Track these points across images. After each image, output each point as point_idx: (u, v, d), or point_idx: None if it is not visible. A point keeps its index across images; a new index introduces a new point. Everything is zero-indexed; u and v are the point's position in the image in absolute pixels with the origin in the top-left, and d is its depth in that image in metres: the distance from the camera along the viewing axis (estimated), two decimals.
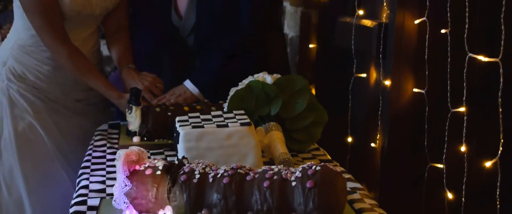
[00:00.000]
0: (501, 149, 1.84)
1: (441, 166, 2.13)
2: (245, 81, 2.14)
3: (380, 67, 2.37)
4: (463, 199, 2.01)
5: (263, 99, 2.09)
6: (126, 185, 1.52)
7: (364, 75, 2.58)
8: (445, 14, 2.05)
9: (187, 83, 2.50)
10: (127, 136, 2.30)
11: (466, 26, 1.93)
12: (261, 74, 2.16)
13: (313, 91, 2.98)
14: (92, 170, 1.98)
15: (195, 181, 1.50)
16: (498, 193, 1.86)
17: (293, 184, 1.45)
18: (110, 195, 1.73)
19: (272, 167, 1.52)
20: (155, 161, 1.57)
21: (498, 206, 1.88)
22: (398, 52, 2.24)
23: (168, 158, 2.08)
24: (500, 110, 1.85)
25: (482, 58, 1.89)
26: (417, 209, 2.30)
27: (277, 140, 2.00)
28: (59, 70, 2.53)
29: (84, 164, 2.06)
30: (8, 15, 4.96)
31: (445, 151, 2.09)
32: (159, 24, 2.67)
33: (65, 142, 2.55)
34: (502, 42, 1.79)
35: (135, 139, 2.24)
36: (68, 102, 2.60)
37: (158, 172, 1.53)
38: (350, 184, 1.81)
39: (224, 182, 1.48)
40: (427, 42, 2.14)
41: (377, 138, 2.42)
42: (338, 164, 2.07)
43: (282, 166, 1.57)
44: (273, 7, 2.69)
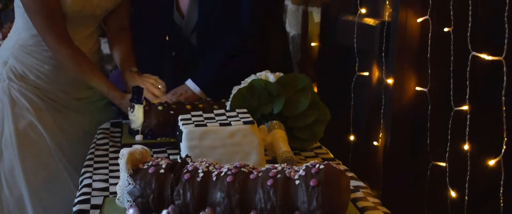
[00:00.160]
0: (505, 147, 1.83)
1: (444, 164, 2.13)
2: (248, 80, 2.14)
3: (383, 66, 2.37)
4: (466, 197, 2.01)
5: (266, 98, 2.09)
6: (130, 183, 1.52)
7: (366, 74, 2.57)
8: (448, 13, 2.04)
9: (189, 83, 2.50)
10: (130, 134, 2.30)
11: (469, 25, 1.93)
12: (264, 73, 2.16)
13: (315, 90, 2.98)
14: (95, 168, 1.98)
15: (199, 179, 1.49)
16: (502, 191, 1.86)
17: (297, 182, 1.44)
18: (113, 193, 1.73)
19: (276, 165, 1.52)
20: (159, 159, 1.57)
21: (502, 204, 1.88)
22: (401, 51, 2.24)
23: (171, 156, 2.07)
24: (504, 108, 1.84)
25: (486, 57, 1.89)
26: (420, 207, 2.30)
27: (280, 138, 1.99)
28: (60, 70, 2.53)
29: (87, 162, 2.06)
30: (9, 14, 4.96)
31: (448, 149, 2.09)
32: (162, 23, 2.66)
33: (66, 140, 2.55)
34: (506, 41, 1.79)
35: (138, 137, 2.24)
36: (69, 101, 2.60)
37: (162, 170, 1.53)
38: (353, 182, 1.81)
39: (228, 180, 1.47)
40: (430, 41, 2.14)
41: (380, 136, 2.42)
42: (341, 162, 2.07)
43: (286, 164, 1.57)
44: (274, 7, 2.69)
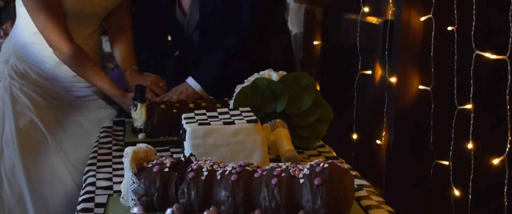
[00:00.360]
0: (509, 146, 1.83)
1: (447, 163, 2.13)
2: (251, 79, 2.14)
3: (386, 65, 2.37)
4: (470, 196, 2.01)
5: (269, 96, 2.09)
6: (134, 182, 1.52)
7: (369, 72, 2.57)
8: (452, 11, 2.04)
9: (190, 80, 2.49)
10: (132, 133, 2.30)
11: (473, 23, 1.93)
12: (267, 72, 2.15)
13: (318, 89, 2.98)
14: (98, 167, 1.98)
15: (203, 178, 1.49)
16: (506, 190, 1.86)
17: (301, 181, 1.44)
18: (117, 192, 1.73)
19: (280, 164, 1.52)
20: (163, 158, 1.57)
21: (506, 203, 1.88)
22: (404, 50, 2.24)
23: (174, 154, 2.07)
24: (508, 107, 1.84)
25: (490, 56, 1.88)
26: (423, 206, 2.30)
27: (283, 137, 1.99)
28: (61, 68, 2.53)
29: (90, 161, 2.06)
30: (10, 12, 4.95)
31: (452, 148, 2.09)
32: (164, 22, 2.66)
33: (67, 138, 2.54)
34: (510, 40, 1.78)
35: (140, 136, 2.24)
36: (70, 99, 2.59)
37: (166, 169, 1.53)
38: (357, 181, 1.80)
39: (232, 179, 1.47)
40: (433, 39, 2.14)
41: (382, 135, 2.42)
42: (344, 161, 2.07)
43: (290, 163, 1.56)
44: (274, 6, 2.68)
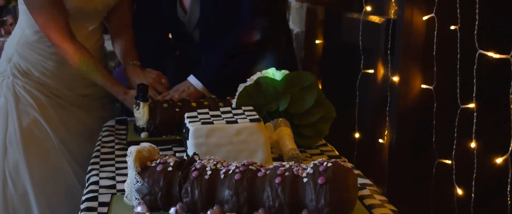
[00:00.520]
0: None
1: (450, 162, 2.13)
2: (254, 77, 2.14)
3: (388, 64, 2.37)
4: (473, 195, 2.01)
5: (272, 95, 2.09)
6: (138, 181, 1.52)
7: (372, 71, 2.57)
8: (454, 10, 2.04)
9: (191, 79, 2.48)
10: (135, 132, 2.30)
11: (476, 23, 1.93)
12: (270, 70, 2.15)
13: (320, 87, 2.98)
14: (101, 166, 1.98)
15: (207, 177, 1.50)
16: (509, 189, 1.86)
17: (305, 180, 1.45)
18: (120, 191, 1.73)
19: (283, 163, 1.52)
20: (166, 157, 1.57)
21: (509, 202, 1.88)
22: (407, 49, 2.24)
23: (177, 153, 2.07)
24: (511, 106, 1.84)
25: (493, 55, 1.88)
26: (425, 205, 2.30)
27: (286, 136, 1.99)
28: (64, 66, 2.52)
29: (93, 160, 2.06)
30: (10, 11, 4.96)
31: (455, 147, 2.09)
32: (165, 20, 2.65)
33: (70, 136, 2.55)
34: None
35: (143, 135, 2.24)
36: (73, 98, 2.59)
37: (170, 168, 1.53)
38: (360, 180, 1.80)
39: (236, 178, 1.47)
40: (436, 39, 2.14)
41: (385, 134, 2.42)
42: (346, 160, 2.07)
43: (293, 162, 1.57)
44: (274, 5, 2.67)
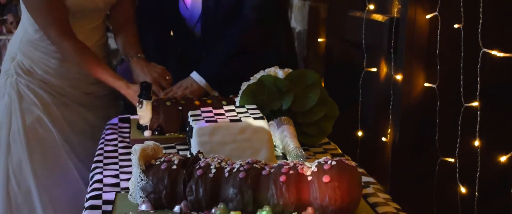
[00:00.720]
0: None
1: (453, 160, 2.13)
2: (257, 76, 2.14)
3: (391, 62, 2.37)
4: (476, 193, 2.01)
5: (275, 94, 2.09)
6: (142, 179, 1.53)
7: (375, 70, 2.57)
8: (458, 9, 2.04)
9: (194, 75, 2.47)
10: (138, 130, 2.30)
11: (480, 21, 1.93)
12: (273, 69, 2.15)
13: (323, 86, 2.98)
14: (105, 164, 1.98)
15: (211, 175, 1.50)
16: None
17: (309, 178, 1.45)
18: (124, 189, 1.73)
19: (288, 161, 1.52)
20: (171, 155, 1.57)
21: None
22: (410, 47, 2.24)
23: (180, 152, 2.07)
24: None
25: (497, 54, 1.88)
26: (429, 203, 2.30)
27: (289, 134, 1.99)
28: (67, 64, 2.53)
29: (97, 158, 2.06)
30: (11, 9, 4.97)
31: (458, 145, 2.09)
32: (167, 14, 2.64)
33: (73, 134, 2.55)
34: None
35: (146, 133, 2.23)
36: (76, 96, 2.60)
37: (174, 166, 1.53)
38: (363, 178, 1.80)
39: (240, 176, 1.48)
40: (439, 37, 2.14)
41: (388, 132, 2.42)
42: (350, 158, 2.07)
43: (297, 160, 1.57)
44: (277, 2, 2.67)
